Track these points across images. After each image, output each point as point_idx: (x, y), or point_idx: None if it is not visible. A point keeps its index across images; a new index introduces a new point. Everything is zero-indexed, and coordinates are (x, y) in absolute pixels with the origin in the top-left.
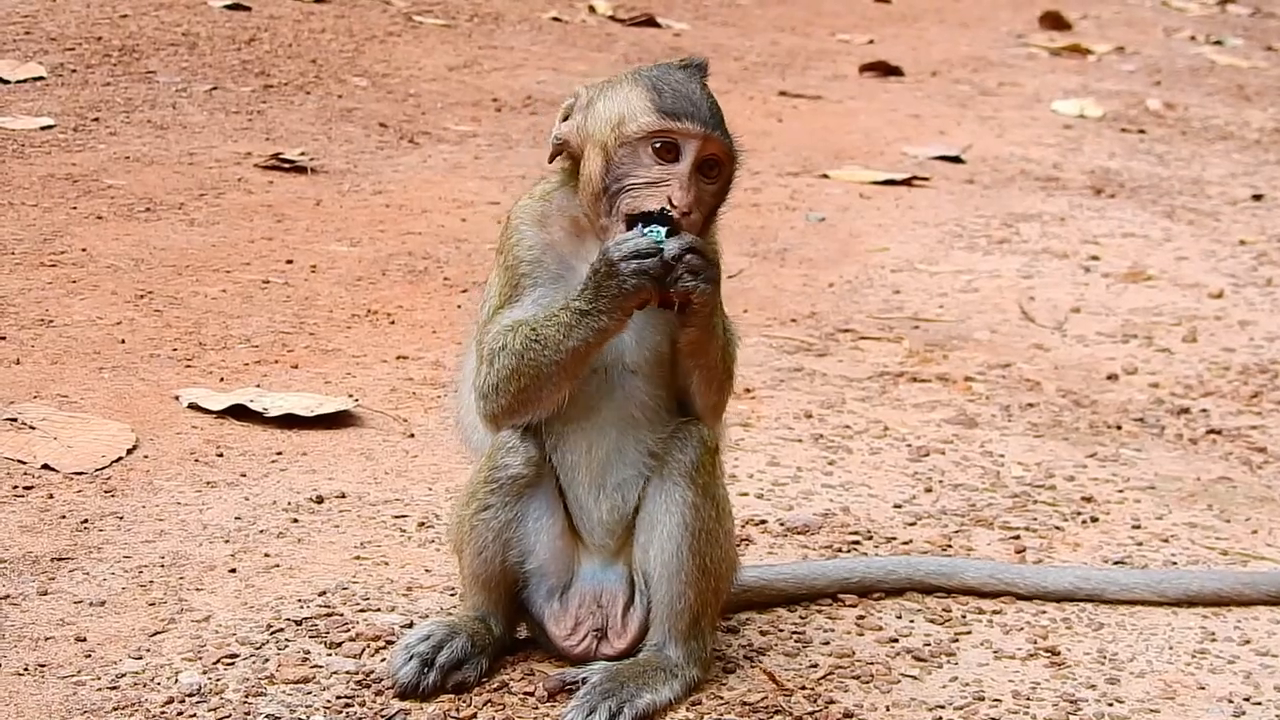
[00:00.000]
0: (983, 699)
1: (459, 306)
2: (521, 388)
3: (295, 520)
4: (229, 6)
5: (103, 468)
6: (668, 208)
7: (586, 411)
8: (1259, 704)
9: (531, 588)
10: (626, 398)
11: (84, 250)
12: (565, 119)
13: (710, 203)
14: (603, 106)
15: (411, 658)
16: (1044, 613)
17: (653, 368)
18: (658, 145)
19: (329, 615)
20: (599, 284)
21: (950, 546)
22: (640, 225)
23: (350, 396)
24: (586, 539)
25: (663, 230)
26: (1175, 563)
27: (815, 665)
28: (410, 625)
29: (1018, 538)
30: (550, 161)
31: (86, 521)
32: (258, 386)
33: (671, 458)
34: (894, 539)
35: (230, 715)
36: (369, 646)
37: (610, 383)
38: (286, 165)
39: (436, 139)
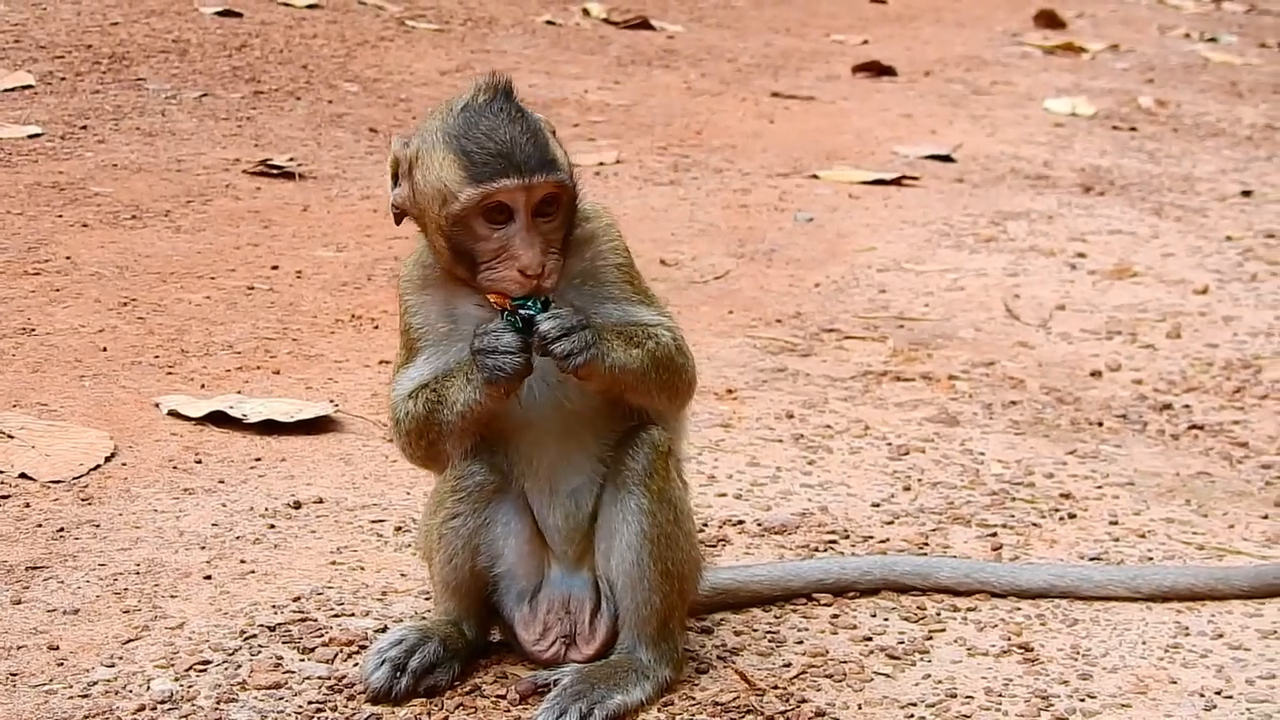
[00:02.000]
0: (955, 696)
1: None
2: (430, 442)
3: (272, 526)
4: (220, 13)
5: (80, 476)
6: (524, 282)
7: (526, 419)
8: (1230, 698)
9: (502, 591)
10: (560, 403)
11: (68, 258)
12: (395, 181)
13: (559, 235)
14: (422, 179)
15: (384, 662)
16: (1018, 609)
17: None
18: (488, 210)
19: (303, 621)
20: (474, 363)
21: (927, 544)
22: (506, 311)
23: (331, 402)
24: (550, 544)
25: (535, 304)
26: (1152, 558)
27: (788, 664)
28: (384, 630)
29: (995, 535)
30: (398, 224)
31: (63, 530)
32: (239, 393)
33: (624, 465)
34: (871, 538)
35: None
36: (342, 651)
37: (541, 390)
38: (275, 171)
39: None
